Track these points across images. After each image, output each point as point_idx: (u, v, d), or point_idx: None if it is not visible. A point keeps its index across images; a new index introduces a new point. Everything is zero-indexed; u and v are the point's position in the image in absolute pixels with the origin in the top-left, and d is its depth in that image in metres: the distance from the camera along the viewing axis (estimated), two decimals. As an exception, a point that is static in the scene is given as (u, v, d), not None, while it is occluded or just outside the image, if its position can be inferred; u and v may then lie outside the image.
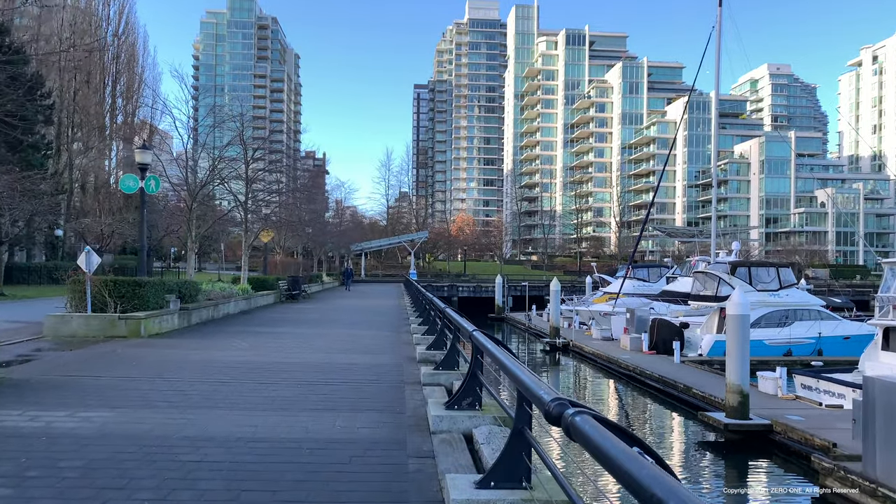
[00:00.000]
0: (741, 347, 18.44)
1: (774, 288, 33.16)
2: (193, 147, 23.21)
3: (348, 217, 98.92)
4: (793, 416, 17.83)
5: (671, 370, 25.67)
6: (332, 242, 63.57)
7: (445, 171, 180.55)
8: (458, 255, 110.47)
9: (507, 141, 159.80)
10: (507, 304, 56.02)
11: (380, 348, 14.34)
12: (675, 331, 32.35)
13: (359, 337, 16.55)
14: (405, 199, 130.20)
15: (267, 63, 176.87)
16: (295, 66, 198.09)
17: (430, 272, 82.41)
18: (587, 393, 27.04)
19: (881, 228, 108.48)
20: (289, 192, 37.19)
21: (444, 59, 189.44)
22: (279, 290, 31.67)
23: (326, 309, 27.98)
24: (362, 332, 18.16)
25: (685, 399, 22.05)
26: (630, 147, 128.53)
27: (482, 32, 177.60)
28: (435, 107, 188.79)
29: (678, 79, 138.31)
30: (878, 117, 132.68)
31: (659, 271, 48.80)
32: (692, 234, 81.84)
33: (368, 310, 28.06)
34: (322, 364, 11.61)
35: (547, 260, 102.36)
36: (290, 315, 23.90)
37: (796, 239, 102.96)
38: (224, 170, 24.18)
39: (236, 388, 9.17)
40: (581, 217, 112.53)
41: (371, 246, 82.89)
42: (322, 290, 49.20)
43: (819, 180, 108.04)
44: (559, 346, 36.20)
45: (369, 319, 22.68)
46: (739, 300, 18.53)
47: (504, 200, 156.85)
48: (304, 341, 15.36)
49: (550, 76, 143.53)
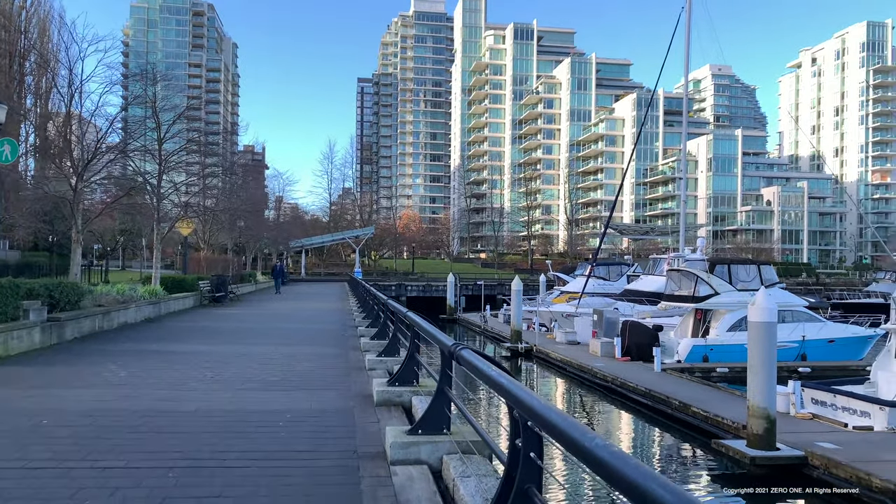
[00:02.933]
0: (767, 362, 15.15)
1: (755, 287, 30.27)
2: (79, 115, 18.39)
3: (288, 212, 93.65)
4: (824, 443, 14.65)
5: (656, 381, 22.42)
6: (269, 238, 58.45)
7: (391, 166, 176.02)
8: (404, 252, 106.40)
9: (455, 136, 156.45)
10: (460, 305, 52.34)
11: (321, 378, 10.27)
12: (650, 334, 29.37)
13: (292, 358, 12.39)
14: (349, 194, 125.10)
15: (203, 52, 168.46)
16: (233, 55, 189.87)
17: (376, 270, 78.10)
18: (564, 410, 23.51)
19: (824, 227, 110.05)
20: (217, 175, 32.44)
21: (389, 52, 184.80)
22: (200, 291, 27.05)
23: (255, 315, 23.55)
24: (298, 348, 13.99)
25: (683, 419, 18.72)
26: (578, 144, 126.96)
27: (428, 25, 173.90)
28: (380, 100, 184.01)
29: (626, 76, 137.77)
30: (817, 118, 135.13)
31: (619, 269, 46.10)
32: (644, 232, 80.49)
33: (308, 315, 23.80)
34: (226, 417, 7.43)
35: (497, 258, 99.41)
36: (208, 324, 19.45)
37: (743, 237, 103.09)
38: (130, 144, 19.51)
39: (33, 488, 4.96)
40: (531, 214, 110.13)
41: (312, 242, 77.78)
42: (255, 290, 44.32)
43: (764, 179, 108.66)
44: (521, 352, 32.74)
45: (308, 329, 18.49)
46: (765, 304, 15.23)
47: (452, 197, 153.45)
48: (213, 367, 11.12)
49: (498, 71, 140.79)
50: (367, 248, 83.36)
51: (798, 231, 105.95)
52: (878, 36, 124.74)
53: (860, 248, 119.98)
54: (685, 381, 23.00)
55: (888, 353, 20.05)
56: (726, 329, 28.57)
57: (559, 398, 25.88)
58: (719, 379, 25.72)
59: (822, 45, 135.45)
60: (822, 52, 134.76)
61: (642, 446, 18.44)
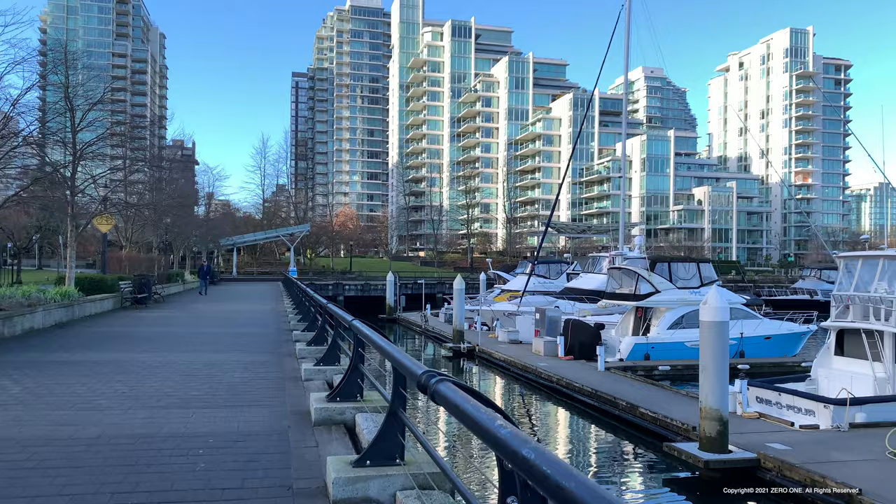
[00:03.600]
0: (720, 362, 14.82)
1: (695, 285, 30.58)
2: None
3: (220, 209, 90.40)
4: (775, 444, 14.47)
5: (601, 381, 22.08)
6: (198, 236, 55.72)
7: (327, 162, 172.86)
8: (341, 250, 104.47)
9: (392, 133, 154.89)
10: (400, 304, 51.29)
11: (251, 392, 9.13)
12: (593, 333, 29.17)
13: (220, 368, 11.15)
14: (283, 191, 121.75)
15: (128, 41, 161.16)
16: (160, 46, 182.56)
17: (313, 269, 76.02)
18: (507, 411, 22.85)
19: (751, 226, 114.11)
20: (142, 170, 30.29)
21: (325, 47, 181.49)
22: (121, 292, 25.10)
23: (181, 318, 21.91)
24: (226, 356, 12.73)
25: (631, 421, 18.35)
26: (517, 143, 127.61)
27: (365, 20, 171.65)
28: (315, 95, 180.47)
29: (562, 76, 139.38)
30: (744, 120, 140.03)
31: (559, 267, 46.11)
32: (581, 230, 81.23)
33: (239, 318, 22.35)
34: (136, 444, 6.23)
35: (437, 256, 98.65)
36: (127, 328, 17.82)
37: (675, 235, 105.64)
38: (35, 130, 17.55)
39: None
40: (470, 213, 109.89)
41: (245, 240, 74.97)
42: (183, 291, 42.03)
43: (695, 178, 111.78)
44: (464, 352, 32.03)
45: (238, 333, 17.15)
46: (717, 303, 14.88)
47: (390, 194, 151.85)
48: (128, 380, 9.81)
49: (436, 68, 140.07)
50: (302, 246, 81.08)
51: (727, 230, 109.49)
52: (801, 42, 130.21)
53: (784, 246, 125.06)
54: (630, 380, 22.73)
55: (827, 350, 20.19)
56: (667, 327, 28.62)
57: (503, 399, 25.26)
58: (661, 377, 25.64)
59: (748, 49, 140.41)
60: (748, 57, 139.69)
61: (591, 450, 17.92)
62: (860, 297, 19.24)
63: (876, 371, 18.22)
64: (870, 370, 18.32)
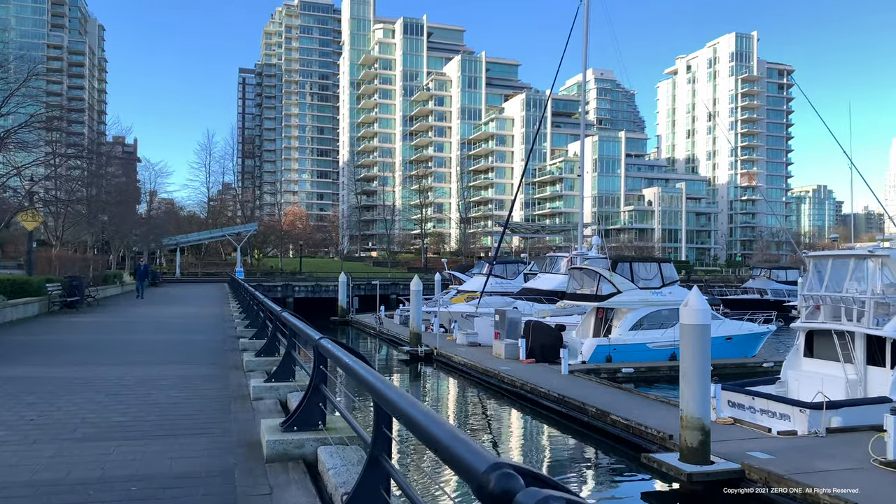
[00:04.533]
0: (701, 368, 14.00)
1: (657, 285, 30.05)
2: None
3: (163, 207, 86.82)
4: (756, 452, 13.76)
5: (566, 385, 21.17)
6: (138, 235, 52.76)
7: (275, 160, 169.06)
8: (290, 251, 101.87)
9: (343, 131, 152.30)
10: (353, 306, 49.71)
11: (189, 416, 7.68)
12: (555, 335, 28.37)
13: (153, 385, 9.63)
14: (229, 190, 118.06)
15: (64, 32, 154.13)
16: (99, 38, 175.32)
17: (260, 270, 73.52)
18: (471, 420, 21.66)
19: (699, 226, 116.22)
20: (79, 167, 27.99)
21: (273, 42, 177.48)
22: (49, 296, 22.96)
23: (116, 324, 20.00)
24: (162, 369, 11.17)
25: (602, 428, 17.43)
26: (470, 143, 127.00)
27: (314, 16, 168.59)
28: (263, 92, 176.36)
29: (514, 76, 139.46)
30: (692, 123, 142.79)
31: (516, 268, 45.35)
32: (535, 230, 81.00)
33: (180, 324, 20.59)
34: (35, 495, 4.74)
35: (389, 256, 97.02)
36: (51, 337, 15.94)
37: (626, 236, 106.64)
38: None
39: None
40: (424, 212, 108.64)
41: (189, 240, 71.84)
42: (122, 293, 39.52)
43: (646, 179, 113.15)
44: (421, 356, 30.80)
45: (179, 341, 15.51)
46: (698, 304, 14.03)
47: (341, 193, 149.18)
48: (40, 402, 8.22)
49: (388, 65, 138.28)
50: (249, 246, 78.35)
51: (677, 230, 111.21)
52: (745, 47, 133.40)
53: (730, 246, 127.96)
54: (595, 383, 21.91)
55: (797, 351, 19.71)
56: (629, 328, 28.01)
57: (459, 403, 24.13)
58: (625, 380, 24.97)
59: (696, 53, 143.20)
60: (696, 60, 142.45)
61: (562, 460, 16.91)
62: (832, 298, 18.77)
63: (847, 373, 17.81)
64: (841, 372, 17.90)
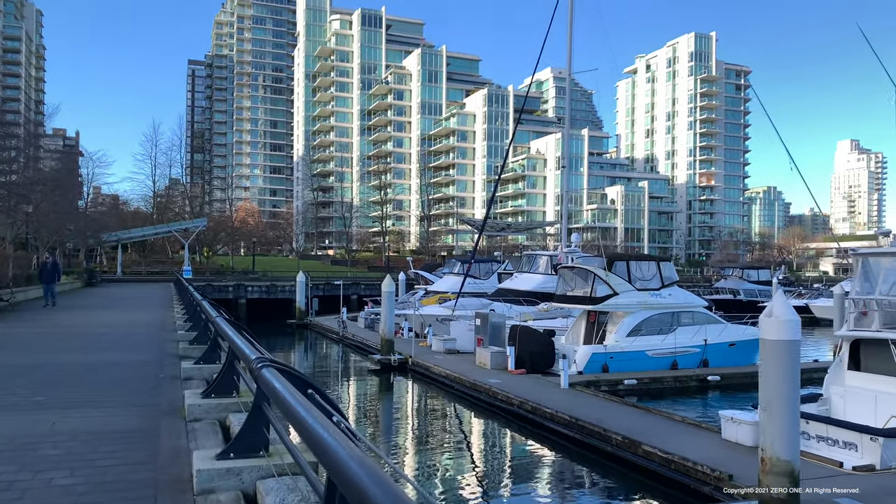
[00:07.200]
0: (790, 397, 10.89)
1: (656, 286, 27.33)
2: None
3: (107, 202, 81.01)
4: (845, 500, 10.88)
5: (572, 403, 18.09)
6: (73, 230, 47.66)
7: (226, 155, 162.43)
8: (242, 248, 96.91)
9: (298, 125, 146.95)
10: (312, 307, 45.93)
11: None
12: (545, 342, 25.38)
13: (42, 454, 5.98)
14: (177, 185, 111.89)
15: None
16: (37, 24, 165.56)
17: (210, 269, 68.76)
18: (463, 448, 18.27)
19: (661, 225, 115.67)
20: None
21: (224, 33, 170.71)
22: (-55, 301, 18.79)
23: (20, 337, 15.92)
24: (64, 418, 7.45)
25: (629, 460, 14.33)
26: (430, 138, 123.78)
27: (268, 6, 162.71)
28: (213, 84, 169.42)
29: (475, 71, 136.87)
30: (651, 122, 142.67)
31: (490, 267, 42.45)
32: (501, 228, 78.34)
33: (109, 335, 16.70)
34: None
35: (348, 254, 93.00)
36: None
37: (590, 234, 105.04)
38: None
39: None
40: (385, 209, 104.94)
41: (132, 236, 66.56)
42: (50, 295, 34.92)
43: (608, 178, 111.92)
44: (394, 365, 27.41)
45: (100, 364, 11.74)
46: (785, 314, 10.92)
47: (295, 189, 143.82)
48: None
49: (345, 58, 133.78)
50: (198, 243, 73.36)
51: (639, 229, 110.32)
52: (704, 47, 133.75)
53: (690, 246, 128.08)
54: (606, 401, 18.91)
55: (840, 364, 17.00)
56: (626, 334, 25.17)
57: (445, 427, 20.77)
58: (627, 393, 22.14)
59: (655, 52, 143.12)
60: (655, 60, 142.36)
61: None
62: (890, 303, 16.09)
63: (906, 389, 15.10)
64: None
